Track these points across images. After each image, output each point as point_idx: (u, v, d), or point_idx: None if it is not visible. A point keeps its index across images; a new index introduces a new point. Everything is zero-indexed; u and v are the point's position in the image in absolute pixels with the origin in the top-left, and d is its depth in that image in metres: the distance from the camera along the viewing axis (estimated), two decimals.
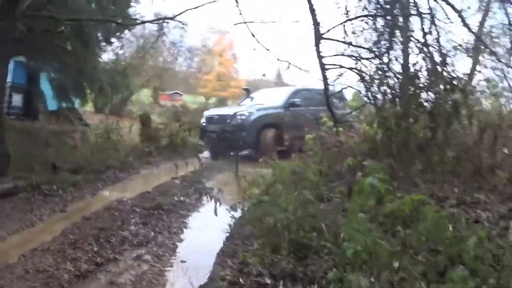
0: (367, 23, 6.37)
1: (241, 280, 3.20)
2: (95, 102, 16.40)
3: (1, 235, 5.02)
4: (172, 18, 10.68)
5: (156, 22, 11.06)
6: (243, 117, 12.44)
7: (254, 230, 4.32)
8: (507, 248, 2.68)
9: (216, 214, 4.95)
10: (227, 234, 4.79)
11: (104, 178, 8.59)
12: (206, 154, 13.65)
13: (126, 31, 13.80)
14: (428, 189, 4.69)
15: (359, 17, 6.30)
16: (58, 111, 15.46)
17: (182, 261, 4.26)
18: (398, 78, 6.05)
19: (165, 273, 3.97)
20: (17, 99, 14.86)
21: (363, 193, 3.63)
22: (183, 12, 10.16)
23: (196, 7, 9.92)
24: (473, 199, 4.57)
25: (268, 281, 3.15)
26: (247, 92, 16.02)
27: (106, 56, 14.46)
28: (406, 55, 6.21)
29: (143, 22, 11.30)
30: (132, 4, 11.21)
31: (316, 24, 5.47)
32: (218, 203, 5.02)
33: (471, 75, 10.35)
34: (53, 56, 10.87)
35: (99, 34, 11.47)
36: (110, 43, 13.36)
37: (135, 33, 12.17)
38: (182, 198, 6.90)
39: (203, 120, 13.80)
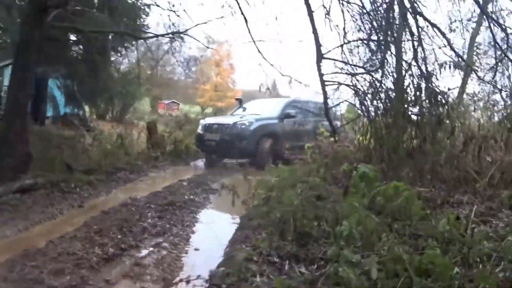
0: (361, 43, 6.96)
1: (254, 258, 3.76)
2: (97, 109, 16.60)
3: (26, 226, 5.56)
4: (183, 33, 11.17)
5: (167, 36, 11.43)
6: (243, 127, 12.48)
7: (262, 222, 4.89)
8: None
9: (233, 205, 5.56)
10: (237, 226, 5.39)
11: (116, 179, 9.16)
12: (200, 161, 13.81)
13: (133, 42, 14.24)
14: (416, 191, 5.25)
15: (354, 41, 6.86)
16: (64, 116, 15.76)
17: (196, 249, 4.83)
18: (388, 93, 6.64)
19: (182, 258, 4.54)
20: None
21: (356, 188, 4.26)
22: (193, 26, 10.77)
23: (206, 22, 10.51)
24: (456, 200, 5.16)
25: (276, 260, 3.72)
26: (240, 102, 16.36)
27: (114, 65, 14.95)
28: (397, 72, 6.75)
29: (156, 36, 11.82)
30: (143, 17, 11.73)
31: (318, 45, 6.02)
32: (236, 195, 5.60)
33: (463, 88, 10.80)
34: (68, 64, 11.38)
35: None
36: (119, 53, 13.93)
37: (142, 43, 12.49)
38: (191, 197, 7.51)
39: (200, 128, 13.70)
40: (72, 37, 11.40)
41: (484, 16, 8.86)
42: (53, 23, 8.48)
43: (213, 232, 5.66)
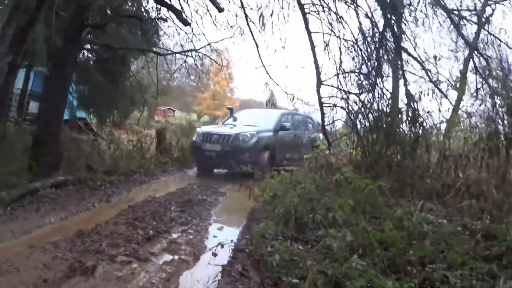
0: (354, 72, 8.16)
1: (266, 235, 4.97)
2: (99, 114, 17.08)
3: (66, 215, 6.72)
4: (196, 50, 12.31)
5: (181, 53, 12.44)
6: (246, 139, 12.47)
7: (269, 214, 6.10)
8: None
9: (250, 198, 6.84)
10: (248, 218, 6.61)
11: (132, 180, 10.27)
12: (171, 175, 13.18)
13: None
14: (393, 196, 6.40)
15: (347, 72, 8.03)
16: (70, 120, 16.42)
17: (214, 236, 6.01)
18: (373, 115, 7.85)
19: (204, 241, 5.72)
20: (33, 106, 16.02)
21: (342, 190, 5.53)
22: (206, 45, 11.97)
23: (217, 41, 11.70)
24: (427, 207, 6.30)
25: (281, 239, 4.91)
26: (231, 111, 16.28)
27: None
28: (377, 99, 7.97)
29: (174, 53, 12.83)
30: (160, 35, 12.75)
31: (318, 73, 7.22)
32: (251, 190, 6.83)
33: (455, 111, 11.52)
34: (84, 71, 12.40)
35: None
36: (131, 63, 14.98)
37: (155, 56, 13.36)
38: (204, 197, 8.68)
39: (196, 137, 13.42)
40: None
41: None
42: (87, 39, 9.65)
43: (226, 223, 6.88)
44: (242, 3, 8.73)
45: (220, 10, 8.16)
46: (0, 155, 8.09)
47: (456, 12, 9.92)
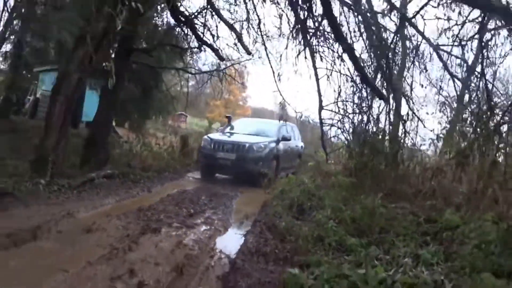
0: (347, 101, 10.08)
1: (276, 215, 7.03)
2: (132, 121, 18.58)
3: (119, 199, 8.68)
4: (221, 70, 14.31)
5: (208, 72, 14.32)
6: (260, 149, 13.10)
7: (278, 203, 8.15)
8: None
9: (265, 192, 9.38)
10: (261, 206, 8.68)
11: (163, 177, 12.30)
12: (195, 174, 14.22)
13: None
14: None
15: (345, 101, 9.97)
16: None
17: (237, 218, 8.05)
18: (361, 133, 9.82)
19: (229, 219, 7.79)
20: None
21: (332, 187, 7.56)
22: (229, 66, 14.02)
23: (239, 63, 13.75)
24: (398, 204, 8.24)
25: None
26: (229, 120, 16.99)
27: None
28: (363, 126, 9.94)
29: (202, 72, 14.73)
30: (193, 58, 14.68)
31: (320, 99, 9.23)
32: (271, 181, 8.91)
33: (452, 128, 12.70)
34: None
35: None
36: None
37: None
38: (225, 192, 10.73)
39: (206, 145, 13.77)
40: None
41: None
42: (135, 59, 11.78)
43: (245, 208, 8.89)
44: (262, 37, 10.69)
45: (249, 53, 10.20)
46: (60, 152, 10.06)
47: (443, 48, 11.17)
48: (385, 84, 9.90)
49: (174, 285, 4.52)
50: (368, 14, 9.43)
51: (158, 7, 11.93)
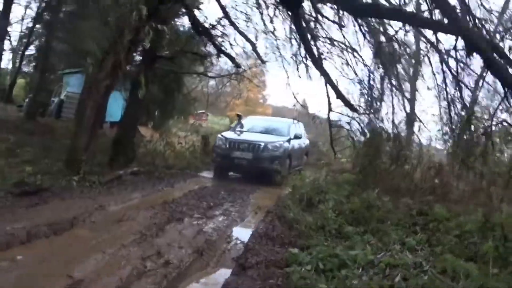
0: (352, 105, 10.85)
1: (286, 207, 7.86)
2: (155, 122, 19.21)
3: (145, 194, 9.53)
4: (238, 73, 15.09)
5: (227, 76, 15.12)
6: (275, 148, 13.28)
7: (290, 197, 8.97)
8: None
9: (283, 184, 10.38)
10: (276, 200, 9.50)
11: (185, 175, 13.16)
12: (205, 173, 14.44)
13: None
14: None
15: (349, 104, 10.76)
16: (118, 122, 17.62)
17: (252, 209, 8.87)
18: (366, 134, 10.58)
19: (246, 211, 8.64)
20: None
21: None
22: (248, 69, 14.84)
23: (256, 66, 14.56)
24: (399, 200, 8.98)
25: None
26: (239, 118, 17.36)
27: None
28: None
29: (221, 76, 15.62)
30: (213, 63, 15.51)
31: (329, 103, 10.05)
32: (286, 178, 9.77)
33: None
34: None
35: None
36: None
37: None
38: (243, 187, 11.59)
39: (220, 145, 13.81)
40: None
41: None
42: (158, 66, 12.69)
43: (261, 202, 9.71)
44: (278, 47, 11.53)
45: (263, 62, 11.02)
46: (90, 152, 10.96)
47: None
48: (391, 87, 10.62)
49: (195, 264, 5.37)
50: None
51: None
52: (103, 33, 10.10)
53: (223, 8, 10.78)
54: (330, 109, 10.06)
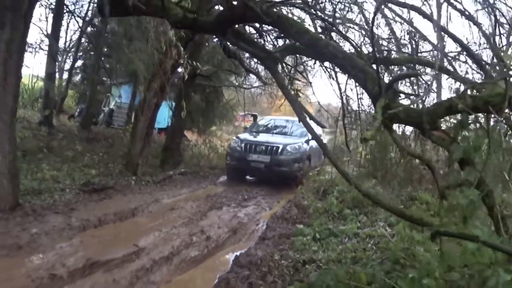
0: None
1: (304, 198, 9.66)
2: (198, 127, 20.55)
3: (192, 190, 11.37)
4: (269, 84, 16.84)
5: (260, 87, 16.59)
6: (294, 150, 12.88)
7: (307, 189, 10.76)
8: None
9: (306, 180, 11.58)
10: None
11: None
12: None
13: None
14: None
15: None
16: (166, 128, 18.97)
17: (278, 201, 10.66)
18: None
19: (274, 202, 10.47)
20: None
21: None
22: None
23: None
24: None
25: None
26: (254, 118, 17.92)
27: None
28: None
29: (254, 87, 17.12)
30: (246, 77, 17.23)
31: (343, 108, 11.73)
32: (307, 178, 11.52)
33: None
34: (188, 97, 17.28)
35: None
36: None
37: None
38: (276, 184, 13.24)
39: (236, 147, 13.33)
40: None
41: None
42: (199, 82, 14.66)
43: (285, 196, 11.46)
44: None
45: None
46: (144, 156, 12.93)
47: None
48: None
49: (229, 240, 7.29)
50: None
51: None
52: (147, 54, 11.98)
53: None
54: (344, 115, 11.68)
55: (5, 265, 5.23)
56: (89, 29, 20.07)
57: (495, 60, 4.50)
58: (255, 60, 12.36)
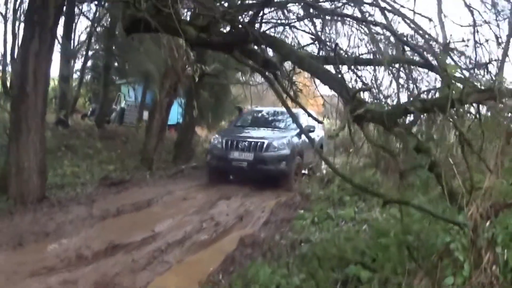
0: None
1: (308, 187, 10.31)
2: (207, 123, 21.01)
3: (203, 182, 11.89)
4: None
5: (262, 83, 17.32)
6: (281, 146, 11.31)
7: (314, 180, 11.38)
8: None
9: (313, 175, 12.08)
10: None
11: None
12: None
13: None
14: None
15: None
16: (175, 125, 19.75)
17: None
18: None
19: (281, 193, 10.95)
20: (145, 115, 19.59)
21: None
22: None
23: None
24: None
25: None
26: (240, 112, 16.58)
27: None
28: None
29: (259, 84, 17.54)
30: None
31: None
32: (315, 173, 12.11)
33: None
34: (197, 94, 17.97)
35: None
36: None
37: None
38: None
39: (217, 143, 11.86)
40: None
41: None
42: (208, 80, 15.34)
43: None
44: None
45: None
46: (158, 152, 13.61)
47: None
48: None
49: (236, 225, 7.97)
50: None
51: None
52: (159, 56, 12.69)
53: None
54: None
55: (36, 249, 5.99)
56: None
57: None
58: None
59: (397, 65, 6.51)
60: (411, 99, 4.86)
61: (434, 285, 3.31)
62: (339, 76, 5.12)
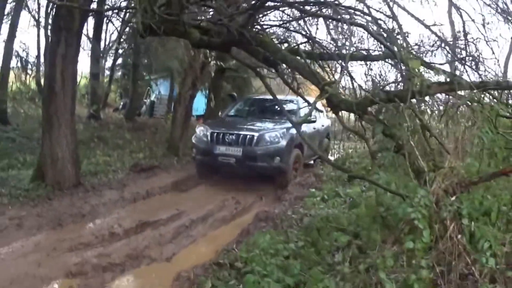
0: None
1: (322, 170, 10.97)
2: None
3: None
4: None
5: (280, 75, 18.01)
6: (275, 140, 9.92)
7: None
8: None
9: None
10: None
11: None
12: None
13: None
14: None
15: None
16: (202, 115, 19.83)
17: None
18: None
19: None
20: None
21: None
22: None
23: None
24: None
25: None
26: (233, 99, 15.59)
27: None
28: None
29: (277, 76, 18.48)
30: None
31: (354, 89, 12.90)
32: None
33: None
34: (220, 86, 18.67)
35: None
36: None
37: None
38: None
39: (202, 136, 10.37)
40: None
41: None
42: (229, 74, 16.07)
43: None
44: None
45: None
46: (184, 140, 14.18)
47: None
48: None
49: (256, 204, 8.92)
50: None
51: None
52: (180, 54, 13.57)
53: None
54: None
55: (73, 228, 6.76)
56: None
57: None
58: None
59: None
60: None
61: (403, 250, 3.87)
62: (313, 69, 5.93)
